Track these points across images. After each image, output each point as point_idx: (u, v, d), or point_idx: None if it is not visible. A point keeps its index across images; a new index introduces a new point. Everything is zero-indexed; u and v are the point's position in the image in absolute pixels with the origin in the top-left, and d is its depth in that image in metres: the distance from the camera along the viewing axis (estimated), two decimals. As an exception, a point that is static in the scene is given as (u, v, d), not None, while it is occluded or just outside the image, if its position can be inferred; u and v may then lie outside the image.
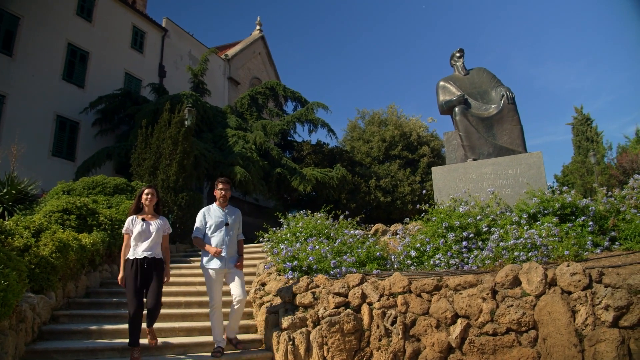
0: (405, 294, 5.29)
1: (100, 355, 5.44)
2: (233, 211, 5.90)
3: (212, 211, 5.80)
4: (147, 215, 5.41)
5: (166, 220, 5.66)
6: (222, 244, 5.58)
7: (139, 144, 12.64)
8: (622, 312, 4.33)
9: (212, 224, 5.66)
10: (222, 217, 5.71)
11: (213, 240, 5.61)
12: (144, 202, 5.46)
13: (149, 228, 5.34)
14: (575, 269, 4.71)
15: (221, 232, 5.64)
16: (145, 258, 5.22)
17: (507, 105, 8.25)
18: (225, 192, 5.80)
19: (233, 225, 5.75)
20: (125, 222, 5.40)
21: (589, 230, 6.27)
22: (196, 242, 5.74)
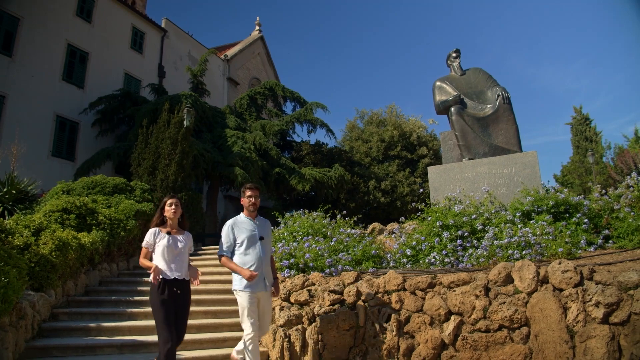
0: (400, 291, 5.37)
1: (99, 351, 5.54)
2: (264, 222, 5.03)
3: (241, 223, 4.86)
4: (172, 229, 4.69)
5: (191, 236, 4.92)
6: (258, 263, 4.69)
7: (139, 144, 12.71)
8: (612, 309, 4.40)
9: (243, 239, 4.75)
10: (255, 230, 4.83)
11: (247, 258, 4.69)
12: (168, 215, 4.68)
13: (177, 244, 4.61)
14: (566, 266, 4.78)
15: (255, 248, 4.74)
16: (176, 280, 4.48)
17: (502, 105, 8.32)
18: (255, 200, 4.89)
19: (267, 239, 4.93)
20: (147, 235, 4.64)
21: (583, 228, 6.33)
22: (225, 263, 4.78)
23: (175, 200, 4.76)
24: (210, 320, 6.68)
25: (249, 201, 4.88)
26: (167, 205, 4.72)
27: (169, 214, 4.67)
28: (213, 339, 6.03)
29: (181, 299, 4.51)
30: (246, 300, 4.62)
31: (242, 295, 4.66)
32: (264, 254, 4.78)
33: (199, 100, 17.49)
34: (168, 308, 4.32)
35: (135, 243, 9.75)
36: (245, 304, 4.63)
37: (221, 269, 9.02)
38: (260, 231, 4.87)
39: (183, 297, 4.54)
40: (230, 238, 4.80)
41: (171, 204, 4.71)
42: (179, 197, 5.14)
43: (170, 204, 4.71)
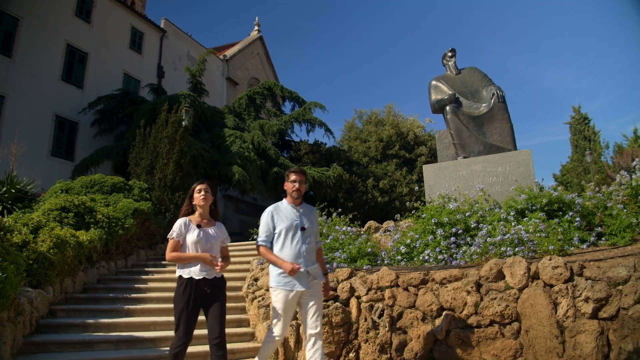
0: (393, 287, 5.43)
1: (96, 347, 5.59)
2: (309, 211, 4.46)
3: (282, 211, 4.32)
4: (202, 220, 4.13)
5: (224, 228, 4.34)
6: (298, 256, 4.13)
7: (137, 144, 12.79)
8: (602, 304, 4.47)
9: (282, 229, 4.20)
10: (297, 219, 4.26)
11: (285, 251, 4.15)
12: (197, 203, 4.14)
13: (208, 237, 4.06)
14: (556, 262, 4.85)
15: (296, 239, 4.20)
16: (205, 280, 3.93)
17: (497, 104, 8.38)
18: (300, 185, 4.32)
19: (311, 229, 4.34)
20: (175, 225, 4.08)
21: (575, 225, 6.38)
22: (264, 254, 4.25)
23: (205, 186, 4.18)
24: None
25: (292, 186, 4.31)
26: (196, 192, 4.16)
27: (199, 201, 4.12)
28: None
29: (212, 298, 3.97)
30: (282, 300, 4.08)
31: (278, 294, 4.12)
32: (306, 247, 4.20)
33: (197, 100, 17.58)
34: (192, 309, 3.87)
35: (134, 242, 9.83)
36: (279, 304, 4.09)
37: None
38: (303, 220, 4.28)
39: (215, 295, 3.99)
40: (269, 226, 4.23)
41: (200, 190, 4.14)
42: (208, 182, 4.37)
43: (200, 190, 4.14)
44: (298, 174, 4.37)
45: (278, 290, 4.13)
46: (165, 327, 6.29)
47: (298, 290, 4.09)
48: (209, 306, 3.98)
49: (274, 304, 4.17)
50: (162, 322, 6.37)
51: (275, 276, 4.16)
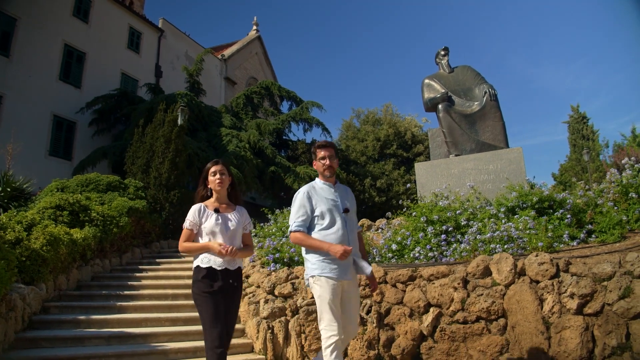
0: (381, 284, 5.47)
1: (88, 343, 5.63)
2: (345, 190, 3.91)
3: (319, 191, 3.75)
4: (220, 205, 3.65)
5: (245, 212, 3.83)
6: (342, 241, 3.55)
7: (134, 143, 12.87)
8: (587, 300, 4.50)
9: (323, 211, 3.62)
10: (337, 199, 3.72)
11: (329, 237, 3.56)
12: (213, 187, 3.64)
13: (227, 224, 3.59)
14: (543, 258, 4.88)
15: (339, 222, 3.62)
16: (227, 271, 3.49)
17: (489, 102, 8.41)
18: (331, 161, 3.75)
19: (353, 211, 3.84)
20: (190, 212, 3.60)
21: (566, 223, 6.42)
22: (301, 240, 3.59)
23: (220, 167, 3.66)
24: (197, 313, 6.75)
25: (323, 164, 3.75)
26: (210, 174, 3.65)
27: (214, 185, 3.62)
28: (199, 331, 6.04)
29: (233, 293, 3.53)
30: (329, 290, 3.45)
31: (323, 284, 3.47)
32: (351, 232, 3.67)
33: (194, 99, 17.63)
34: (217, 303, 3.37)
35: (129, 240, 9.88)
36: (327, 295, 3.44)
37: (212, 264, 9.13)
38: (344, 201, 3.77)
39: (236, 290, 3.56)
40: (306, 209, 3.63)
41: (215, 172, 3.63)
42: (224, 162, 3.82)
43: (214, 172, 3.63)
44: (326, 149, 3.78)
45: (322, 278, 3.48)
46: (156, 324, 6.34)
47: (343, 281, 3.51)
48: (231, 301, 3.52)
49: (320, 295, 3.47)
50: (153, 318, 6.42)
51: (318, 262, 3.52)
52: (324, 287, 3.46)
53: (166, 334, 5.94)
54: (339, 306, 3.47)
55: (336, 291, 3.46)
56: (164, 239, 11.57)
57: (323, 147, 3.80)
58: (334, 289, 3.45)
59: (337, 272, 3.48)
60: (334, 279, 3.47)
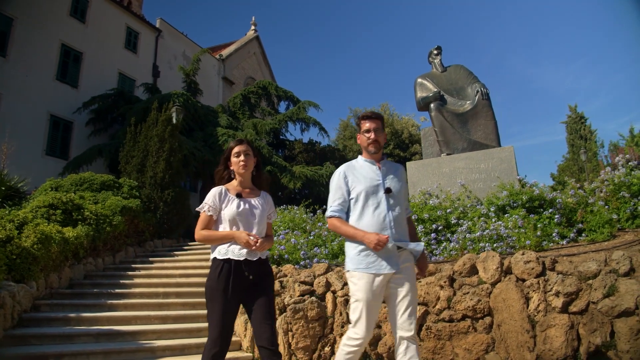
0: (369, 282, 5.47)
1: (76, 340, 5.66)
2: (394, 168, 3.37)
3: (358, 169, 3.27)
4: (243, 190, 3.23)
5: (270, 199, 3.41)
6: (383, 227, 3.08)
7: (127, 142, 12.89)
8: (572, 298, 4.50)
9: (360, 192, 3.15)
10: (379, 178, 3.21)
11: (365, 220, 3.11)
12: (235, 169, 3.22)
13: (252, 210, 3.16)
14: (529, 257, 4.88)
15: (379, 204, 3.14)
16: (248, 262, 3.03)
17: (481, 101, 8.42)
18: (377, 135, 3.27)
19: (399, 192, 3.25)
20: (208, 196, 3.16)
21: (556, 221, 6.43)
22: (336, 226, 3.18)
23: (245, 146, 3.23)
24: (187, 311, 6.81)
25: (367, 138, 3.28)
26: (234, 155, 3.22)
27: (237, 167, 3.19)
28: (188, 329, 6.16)
29: (256, 289, 3.06)
30: (364, 288, 3.00)
31: (359, 280, 3.03)
32: (394, 215, 3.14)
33: (190, 99, 17.64)
34: (229, 300, 2.95)
35: (122, 238, 9.89)
36: (362, 294, 3.00)
37: (205, 263, 9.15)
38: (387, 180, 3.23)
39: (261, 285, 3.09)
40: (343, 191, 3.19)
41: (239, 153, 3.20)
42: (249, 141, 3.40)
43: (238, 153, 3.20)
44: (372, 120, 3.30)
45: (358, 274, 3.04)
46: (145, 321, 6.36)
47: (386, 274, 3.01)
48: (253, 301, 3.03)
49: (354, 293, 3.07)
50: (143, 316, 6.44)
51: (354, 256, 3.10)
52: (357, 284, 3.02)
53: (155, 332, 5.97)
54: (376, 304, 3.01)
55: (373, 289, 2.97)
56: (158, 238, 11.60)
57: (368, 118, 3.31)
58: (369, 286, 2.97)
59: (376, 266, 2.99)
60: (371, 274, 2.98)
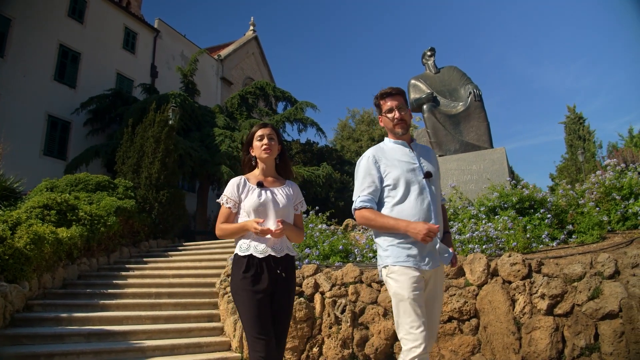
0: (357, 283, 5.51)
1: (67, 340, 5.70)
2: (425, 151, 2.97)
3: (389, 152, 2.85)
4: (265, 179, 2.95)
5: (297, 188, 3.10)
6: (427, 217, 2.66)
7: (123, 143, 12.94)
8: (557, 301, 4.53)
9: (397, 178, 2.71)
10: (414, 161, 2.79)
11: (406, 211, 2.65)
12: (258, 155, 2.95)
13: (275, 200, 2.85)
14: (515, 259, 4.92)
15: (420, 191, 2.70)
16: (272, 258, 2.74)
17: (474, 103, 8.45)
18: (402, 113, 2.84)
19: (436, 177, 2.86)
20: (227, 187, 2.93)
21: (546, 223, 6.45)
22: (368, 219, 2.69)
23: (269, 130, 2.97)
24: (179, 311, 6.85)
25: (392, 118, 2.85)
26: (256, 138, 2.95)
27: (260, 152, 2.92)
28: (179, 329, 6.20)
29: (281, 291, 2.76)
30: (408, 285, 2.54)
31: (400, 277, 2.57)
32: (435, 204, 2.72)
33: (188, 99, 17.69)
34: (261, 300, 2.65)
35: (117, 239, 9.93)
36: (405, 292, 2.53)
37: (198, 263, 9.20)
38: (425, 164, 2.82)
39: (285, 284, 2.78)
40: (374, 177, 2.74)
41: (262, 137, 2.93)
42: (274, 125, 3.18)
43: (261, 137, 2.93)
44: (393, 98, 2.85)
45: (399, 268, 2.58)
46: (137, 322, 6.41)
47: (426, 271, 2.61)
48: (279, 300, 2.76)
49: (396, 293, 2.58)
50: (134, 316, 6.49)
51: (392, 247, 2.63)
52: (400, 280, 2.55)
53: (145, 332, 6.01)
54: (422, 305, 2.53)
55: (418, 285, 2.54)
56: (154, 239, 11.64)
57: (388, 95, 2.86)
58: (414, 282, 2.53)
59: (418, 260, 2.58)
60: (414, 267, 2.56)
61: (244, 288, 2.66)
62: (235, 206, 2.85)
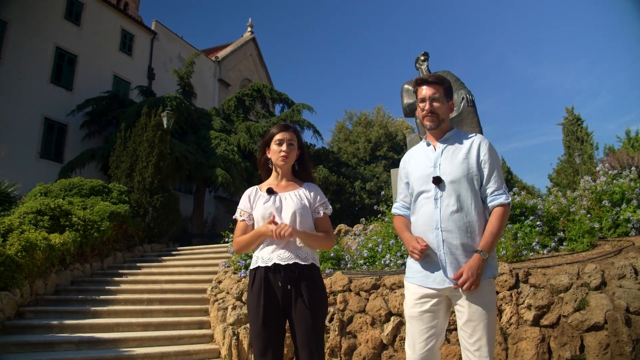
0: (345, 292, 5.52)
1: (57, 347, 5.71)
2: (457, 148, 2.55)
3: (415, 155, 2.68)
4: (278, 183, 2.78)
5: (317, 189, 2.83)
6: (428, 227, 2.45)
7: (117, 147, 12.94)
8: (543, 312, 4.53)
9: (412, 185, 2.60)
10: (431, 164, 2.52)
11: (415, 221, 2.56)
12: (275, 159, 2.75)
13: (284, 205, 2.66)
14: (502, 269, 4.92)
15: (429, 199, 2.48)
16: (278, 266, 2.54)
17: (466, 108, 8.42)
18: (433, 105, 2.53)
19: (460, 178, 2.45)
20: (241, 199, 2.81)
21: (537, 230, 6.45)
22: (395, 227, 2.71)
23: (290, 134, 2.74)
24: (170, 318, 6.87)
25: (422, 109, 2.58)
26: (275, 142, 2.73)
27: (277, 157, 2.73)
28: (169, 337, 6.21)
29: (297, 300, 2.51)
30: (409, 301, 2.51)
31: (406, 293, 2.56)
32: (446, 213, 2.41)
33: (184, 102, 17.67)
34: (265, 317, 2.48)
35: (110, 244, 9.94)
36: (406, 308, 2.54)
37: (192, 268, 9.21)
38: (441, 165, 2.50)
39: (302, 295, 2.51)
40: (402, 182, 2.68)
41: (282, 141, 2.71)
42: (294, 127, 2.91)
43: (280, 141, 2.72)
44: (430, 86, 2.54)
45: (406, 284, 2.57)
46: (128, 329, 6.43)
47: (435, 289, 2.40)
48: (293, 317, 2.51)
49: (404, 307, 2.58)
50: (125, 323, 6.51)
51: (408, 263, 2.59)
52: (405, 296, 2.54)
53: (136, 339, 6.02)
54: (423, 325, 2.41)
55: (418, 305, 2.43)
56: (148, 243, 11.65)
57: (424, 83, 2.56)
58: (415, 299, 2.44)
59: (421, 277, 2.44)
60: (415, 285, 2.45)
61: (250, 305, 2.55)
62: (250, 218, 2.71)
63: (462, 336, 2.41)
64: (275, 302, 2.49)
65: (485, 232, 2.40)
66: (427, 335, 2.41)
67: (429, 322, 2.41)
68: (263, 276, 2.52)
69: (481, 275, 2.33)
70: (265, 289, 2.50)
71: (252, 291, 2.54)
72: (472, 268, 2.30)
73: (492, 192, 2.47)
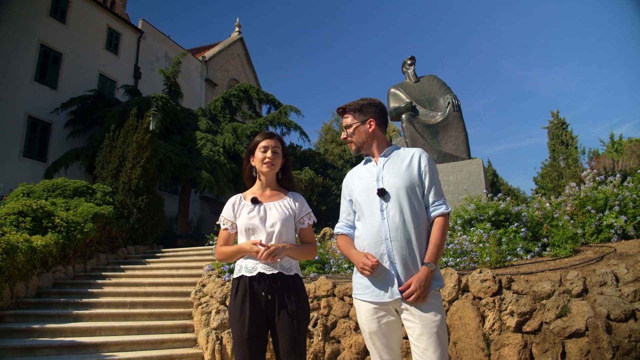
0: (329, 297, 5.51)
1: (38, 352, 5.64)
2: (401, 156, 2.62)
3: (359, 171, 2.73)
4: (263, 193, 2.77)
5: (302, 199, 2.83)
6: (378, 241, 2.44)
7: (104, 147, 12.81)
8: (525, 318, 4.57)
9: (356, 199, 2.61)
10: (374, 177, 2.56)
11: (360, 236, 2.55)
12: (259, 166, 2.75)
13: (268, 215, 2.66)
14: (485, 275, 4.94)
15: (373, 212, 2.49)
16: (262, 276, 2.55)
17: (452, 113, 8.50)
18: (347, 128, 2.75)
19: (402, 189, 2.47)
20: (225, 207, 2.80)
21: (521, 236, 6.50)
22: (339, 246, 2.73)
23: (274, 141, 2.76)
24: (153, 322, 6.79)
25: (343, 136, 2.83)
26: (259, 149, 2.74)
27: (260, 165, 2.73)
28: (152, 341, 6.15)
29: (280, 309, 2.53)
30: (363, 319, 2.49)
31: (358, 310, 2.55)
32: (394, 224, 2.42)
33: (170, 102, 17.52)
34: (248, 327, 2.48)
35: (94, 245, 9.82)
36: (362, 326, 2.52)
37: (175, 271, 9.13)
38: (383, 177, 2.54)
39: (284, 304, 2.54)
40: (345, 200, 2.72)
41: (266, 148, 2.73)
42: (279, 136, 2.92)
43: (265, 148, 2.73)
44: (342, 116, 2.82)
45: (356, 302, 2.56)
46: (110, 332, 6.36)
47: (387, 302, 2.40)
48: (276, 326, 2.53)
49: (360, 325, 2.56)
50: (107, 327, 6.43)
51: (355, 279, 2.58)
52: (358, 314, 2.53)
53: (118, 344, 5.96)
54: (382, 340, 2.42)
55: (375, 320, 2.42)
56: (132, 244, 11.55)
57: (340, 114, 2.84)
58: (371, 315, 2.43)
59: (371, 291, 2.43)
60: (365, 301, 2.45)
61: (233, 313, 2.55)
62: (233, 227, 2.72)
63: (416, 351, 2.36)
64: (259, 311, 2.51)
65: (430, 244, 2.43)
66: (391, 348, 2.45)
67: (391, 334, 2.44)
68: (248, 285, 2.53)
69: (429, 287, 2.36)
70: (250, 298, 2.51)
71: (236, 300, 2.53)
72: (421, 280, 2.33)
73: (433, 202, 2.52)
